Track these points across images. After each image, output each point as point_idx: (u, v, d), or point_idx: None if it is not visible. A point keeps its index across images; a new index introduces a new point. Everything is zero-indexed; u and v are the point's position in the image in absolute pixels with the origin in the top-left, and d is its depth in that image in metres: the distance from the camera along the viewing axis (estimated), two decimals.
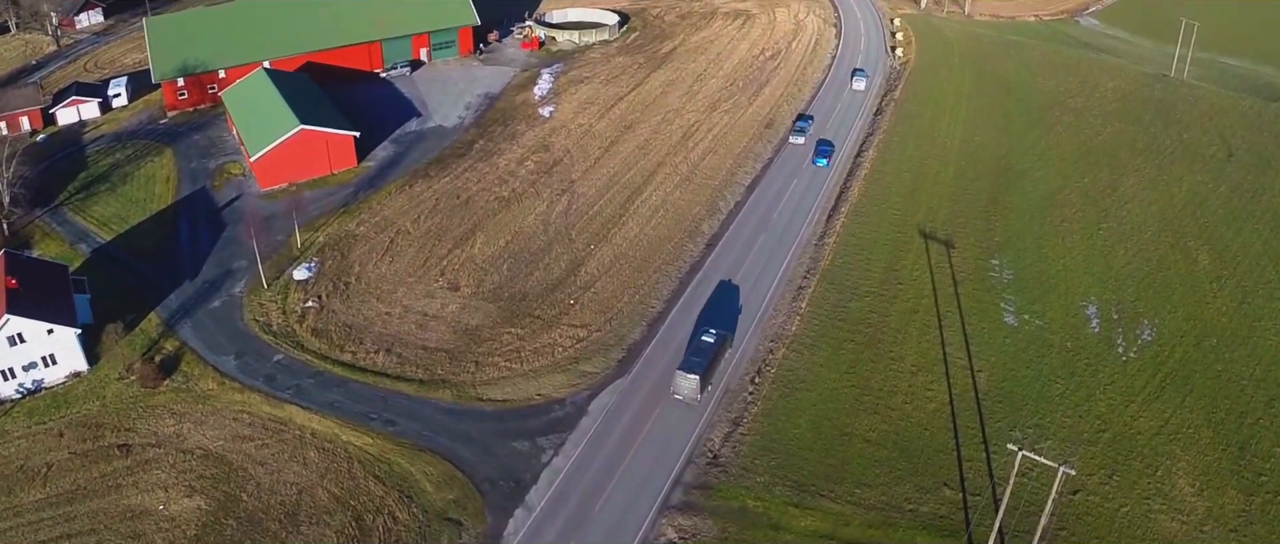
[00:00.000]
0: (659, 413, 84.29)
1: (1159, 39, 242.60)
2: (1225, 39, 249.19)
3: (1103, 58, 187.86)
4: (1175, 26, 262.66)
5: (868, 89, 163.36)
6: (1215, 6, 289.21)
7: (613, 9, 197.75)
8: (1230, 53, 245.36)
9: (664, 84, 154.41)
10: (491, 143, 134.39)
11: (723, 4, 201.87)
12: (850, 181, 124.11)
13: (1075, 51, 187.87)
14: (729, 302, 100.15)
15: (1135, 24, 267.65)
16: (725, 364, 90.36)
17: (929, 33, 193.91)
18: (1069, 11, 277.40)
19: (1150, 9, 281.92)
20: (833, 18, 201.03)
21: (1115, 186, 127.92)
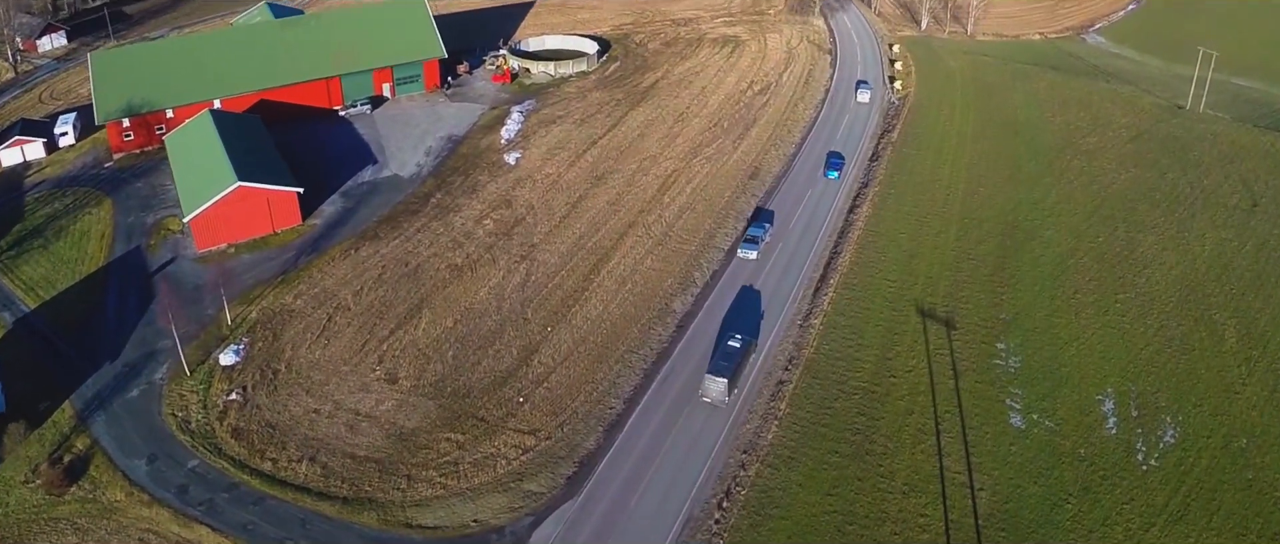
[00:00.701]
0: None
1: (1168, 58, 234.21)
2: (1235, 58, 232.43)
3: (1113, 88, 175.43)
4: (1183, 45, 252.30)
5: (872, 102, 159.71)
6: (1222, 24, 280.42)
7: (595, 34, 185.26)
8: (1241, 73, 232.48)
9: (643, 124, 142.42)
10: (449, 196, 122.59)
11: (711, 29, 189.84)
12: (841, 245, 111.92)
13: (1084, 82, 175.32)
14: (699, 399, 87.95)
15: (1143, 42, 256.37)
16: (749, 368, 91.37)
17: (929, 61, 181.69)
18: (1074, 29, 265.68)
19: (1157, 25, 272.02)
20: (828, 43, 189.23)
21: (1133, 246, 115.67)
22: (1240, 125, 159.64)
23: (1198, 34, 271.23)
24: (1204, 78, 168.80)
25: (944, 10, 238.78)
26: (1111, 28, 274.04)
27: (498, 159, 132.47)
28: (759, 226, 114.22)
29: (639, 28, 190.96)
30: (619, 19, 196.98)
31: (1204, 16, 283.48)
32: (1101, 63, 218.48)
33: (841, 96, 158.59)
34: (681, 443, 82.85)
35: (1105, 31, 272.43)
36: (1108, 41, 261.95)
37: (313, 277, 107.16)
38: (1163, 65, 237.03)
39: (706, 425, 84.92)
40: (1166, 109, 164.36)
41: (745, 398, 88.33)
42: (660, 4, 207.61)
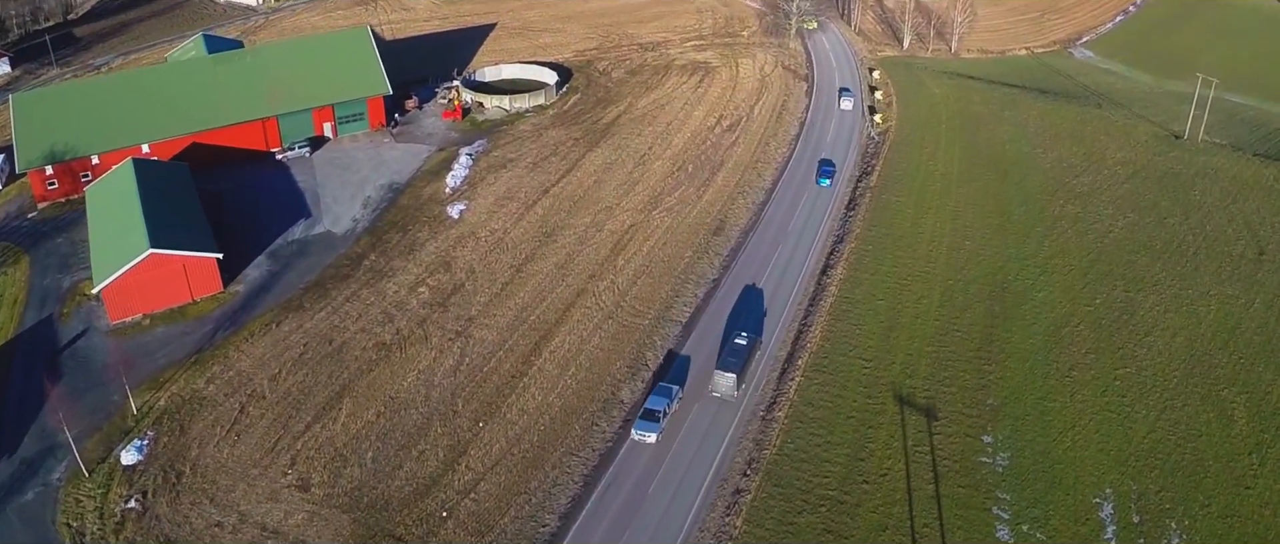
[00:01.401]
0: None
1: (1158, 74, 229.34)
2: (1227, 73, 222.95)
3: (1105, 115, 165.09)
4: (1173, 59, 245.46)
5: (855, 109, 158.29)
6: (1211, 37, 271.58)
7: (556, 62, 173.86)
8: (1234, 89, 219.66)
9: (601, 168, 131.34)
10: (384, 257, 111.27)
11: (680, 54, 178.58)
12: (812, 316, 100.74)
13: (1075, 109, 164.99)
14: (646, 513, 78.46)
15: (1132, 56, 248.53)
16: (755, 364, 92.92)
17: (912, 87, 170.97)
18: (1061, 42, 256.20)
19: (1145, 39, 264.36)
20: (804, 68, 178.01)
21: (1132, 309, 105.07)
22: (1240, 156, 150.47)
23: (1187, 48, 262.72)
24: (1203, 99, 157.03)
25: (927, 25, 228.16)
26: (1099, 41, 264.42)
27: (440, 211, 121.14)
28: (661, 395, 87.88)
29: (603, 53, 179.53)
30: (583, 44, 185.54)
31: (1193, 29, 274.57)
32: (1091, 81, 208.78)
33: (817, 131, 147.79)
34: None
35: (1093, 45, 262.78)
36: (1096, 56, 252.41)
37: (228, 356, 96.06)
38: (1153, 81, 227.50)
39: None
40: (1162, 139, 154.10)
41: (696, 513, 76.94)
42: (628, 26, 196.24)
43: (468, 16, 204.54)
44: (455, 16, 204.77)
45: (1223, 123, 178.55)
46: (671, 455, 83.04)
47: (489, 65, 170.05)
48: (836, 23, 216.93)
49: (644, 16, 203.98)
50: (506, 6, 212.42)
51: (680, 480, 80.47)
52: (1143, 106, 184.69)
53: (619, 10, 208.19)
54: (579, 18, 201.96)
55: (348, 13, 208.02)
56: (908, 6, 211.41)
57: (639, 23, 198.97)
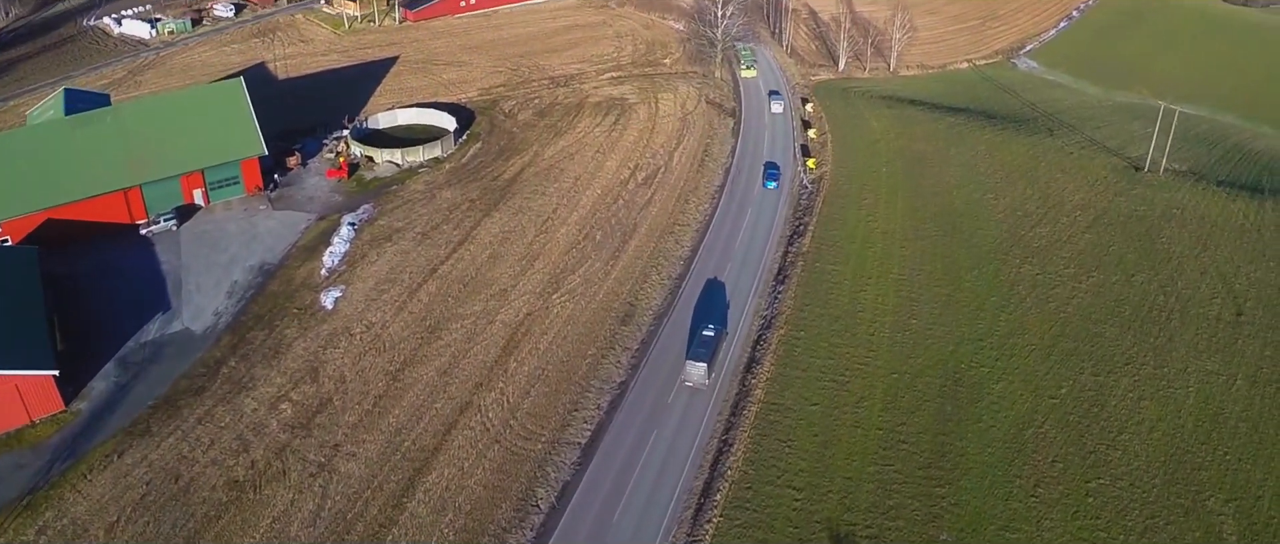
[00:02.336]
0: None
1: (1105, 83, 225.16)
2: (1175, 82, 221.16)
3: (1059, 144, 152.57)
4: (1119, 67, 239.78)
5: (785, 113, 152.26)
6: (1156, 43, 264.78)
7: (459, 102, 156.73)
8: (1185, 98, 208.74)
9: (498, 237, 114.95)
10: (246, 363, 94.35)
11: (595, 90, 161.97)
12: (735, 431, 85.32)
13: (1025, 142, 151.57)
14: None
15: (1077, 65, 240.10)
16: (723, 353, 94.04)
17: (849, 120, 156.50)
18: (1004, 51, 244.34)
19: (1089, 46, 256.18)
20: (731, 100, 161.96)
21: (1103, 398, 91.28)
22: (1204, 188, 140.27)
23: (1133, 55, 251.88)
24: (1164, 125, 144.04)
25: (864, 41, 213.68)
26: (1043, 50, 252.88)
27: (313, 301, 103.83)
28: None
29: (511, 91, 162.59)
30: (490, 79, 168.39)
31: (1138, 35, 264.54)
32: (1037, 97, 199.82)
33: (744, 180, 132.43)
34: None
35: (1037, 54, 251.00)
36: (1040, 66, 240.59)
37: (63, 498, 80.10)
38: (1101, 93, 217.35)
39: None
40: (1122, 172, 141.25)
41: None
42: (540, 57, 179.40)
43: (369, 49, 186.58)
44: (355, 49, 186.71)
45: (1179, 142, 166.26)
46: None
47: (384, 110, 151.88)
48: (769, 45, 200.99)
49: (558, 45, 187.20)
50: (411, 37, 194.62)
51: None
52: (1095, 127, 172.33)
53: (531, 38, 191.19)
54: (488, 48, 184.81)
55: (243, 46, 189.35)
56: (843, 23, 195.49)
57: (552, 52, 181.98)
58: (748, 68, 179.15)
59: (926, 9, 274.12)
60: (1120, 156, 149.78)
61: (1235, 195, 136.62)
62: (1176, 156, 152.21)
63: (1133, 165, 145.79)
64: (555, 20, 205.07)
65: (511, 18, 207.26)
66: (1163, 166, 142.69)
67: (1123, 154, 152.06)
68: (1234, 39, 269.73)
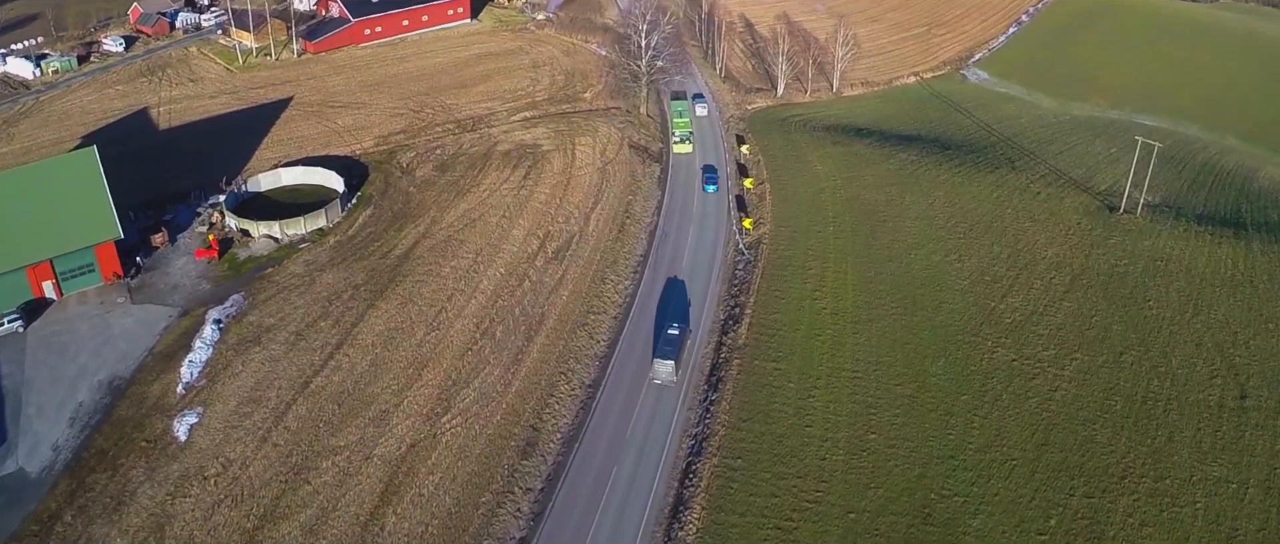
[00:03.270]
0: None
1: (1059, 95, 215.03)
2: (1131, 91, 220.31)
3: (1023, 182, 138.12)
4: (1072, 76, 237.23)
5: (711, 116, 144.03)
6: (1109, 49, 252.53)
7: (353, 154, 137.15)
8: (1144, 109, 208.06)
9: (383, 336, 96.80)
10: (83, 519, 78.06)
11: (505, 134, 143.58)
12: None
13: (987, 180, 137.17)
14: None
15: (1028, 75, 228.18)
16: (687, 352, 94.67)
17: (790, 161, 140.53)
18: (952, 62, 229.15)
19: (1040, 54, 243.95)
20: (657, 141, 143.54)
21: (1099, 529, 78.61)
22: (1187, 231, 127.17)
23: (1086, 63, 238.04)
24: (1134, 152, 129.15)
25: (805, 57, 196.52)
26: (993, 59, 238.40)
27: (165, 429, 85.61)
28: None
29: (413, 138, 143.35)
30: (389, 124, 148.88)
31: (1090, 40, 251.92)
32: (991, 115, 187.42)
33: (671, 248, 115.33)
34: None
35: (987, 64, 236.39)
36: (991, 77, 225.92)
37: None
38: (1057, 105, 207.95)
39: None
40: (1096, 215, 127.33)
41: None
42: (447, 94, 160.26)
43: (261, 88, 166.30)
44: (248, 88, 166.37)
45: (1145, 161, 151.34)
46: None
47: (267, 171, 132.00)
48: (701, 68, 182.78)
49: (469, 78, 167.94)
50: (309, 72, 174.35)
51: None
52: (1057, 152, 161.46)
53: (440, 71, 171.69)
54: (391, 84, 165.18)
55: (128, 87, 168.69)
56: (782, 42, 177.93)
57: (461, 88, 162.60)
58: (682, 141, 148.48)
59: (868, 16, 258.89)
60: (1090, 192, 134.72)
61: (1220, 238, 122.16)
62: (1150, 186, 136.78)
63: (1106, 204, 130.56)
64: (467, 48, 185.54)
65: (419, 47, 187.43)
66: (1140, 205, 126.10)
67: (1092, 188, 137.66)
68: (1188, 41, 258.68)
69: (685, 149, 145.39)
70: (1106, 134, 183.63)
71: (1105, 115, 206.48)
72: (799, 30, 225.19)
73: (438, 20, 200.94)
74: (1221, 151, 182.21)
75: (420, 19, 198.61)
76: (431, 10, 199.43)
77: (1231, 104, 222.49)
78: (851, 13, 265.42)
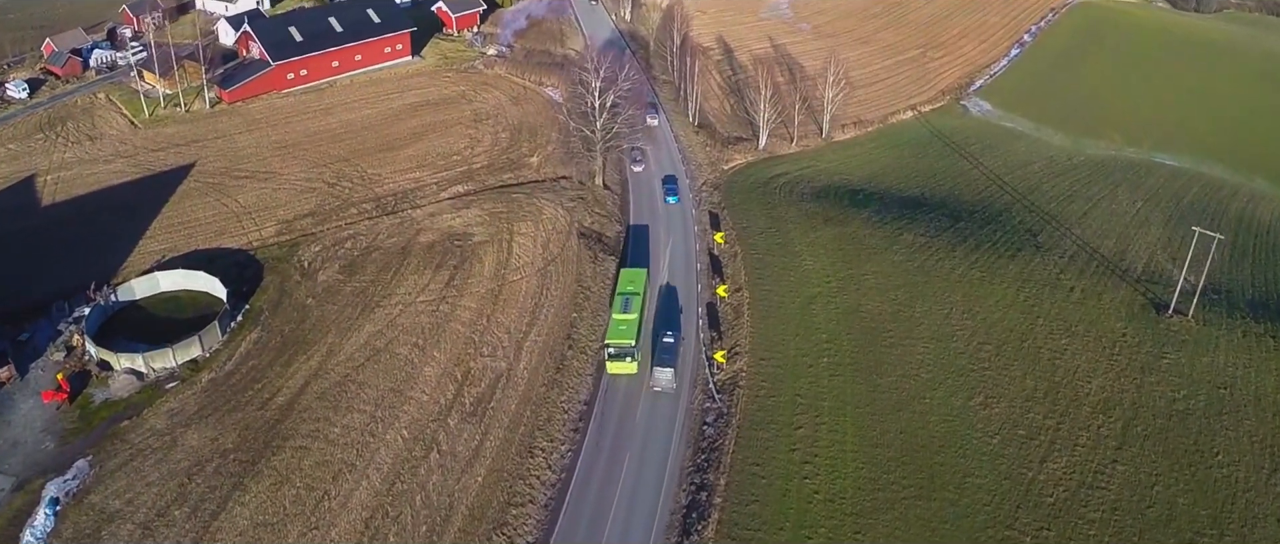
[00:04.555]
0: None
1: (1071, 130, 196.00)
2: (1146, 123, 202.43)
3: (1053, 275, 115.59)
4: (1082, 104, 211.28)
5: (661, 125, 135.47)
6: (1118, 72, 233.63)
7: (248, 246, 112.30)
8: (1162, 144, 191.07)
9: (247, 532, 70.15)
10: None
11: (432, 217, 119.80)
12: None
13: (1010, 273, 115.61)
14: None
15: (1036, 107, 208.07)
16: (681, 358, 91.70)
17: (774, 251, 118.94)
18: (951, 91, 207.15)
19: (1045, 81, 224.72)
20: (613, 227, 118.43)
21: None
22: (1249, 339, 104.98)
23: (1096, 89, 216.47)
24: (1198, 275, 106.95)
25: (791, 90, 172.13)
26: (995, 86, 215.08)
27: None
28: None
29: (322, 222, 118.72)
30: (298, 203, 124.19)
31: (1097, 62, 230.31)
32: (1000, 161, 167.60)
33: (622, 396, 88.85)
34: None
35: (989, 92, 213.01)
36: (994, 109, 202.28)
37: None
38: (1069, 143, 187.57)
39: None
40: (1143, 320, 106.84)
41: None
42: (371, 158, 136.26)
43: (162, 150, 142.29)
44: (149, 149, 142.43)
45: (1174, 219, 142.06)
46: None
47: (146, 270, 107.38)
48: (672, 115, 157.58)
49: (399, 136, 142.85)
50: (218, 129, 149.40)
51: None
52: (1081, 213, 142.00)
53: (367, 126, 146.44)
54: (308, 145, 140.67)
55: (21, 146, 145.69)
56: (763, 84, 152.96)
57: (388, 150, 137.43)
58: (619, 357, 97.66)
59: (857, 37, 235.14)
60: (1128, 279, 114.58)
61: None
62: (1176, 250, 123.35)
63: (1150, 299, 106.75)
64: (402, 95, 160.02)
65: (349, 94, 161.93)
66: (1193, 306, 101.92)
67: (1129, 271, 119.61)
68: (1199, 61, 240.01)
69: (626, 370, 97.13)
70: (1128, 180, 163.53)
71: (1122, 155, 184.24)
72: (783, 57, 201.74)
73: (373, 59, 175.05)
74: (1253, 199, 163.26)
75: (352, 59, 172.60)
76: (366, 49, 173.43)
77: (1253, 136, 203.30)
78: (839, 33, 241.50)
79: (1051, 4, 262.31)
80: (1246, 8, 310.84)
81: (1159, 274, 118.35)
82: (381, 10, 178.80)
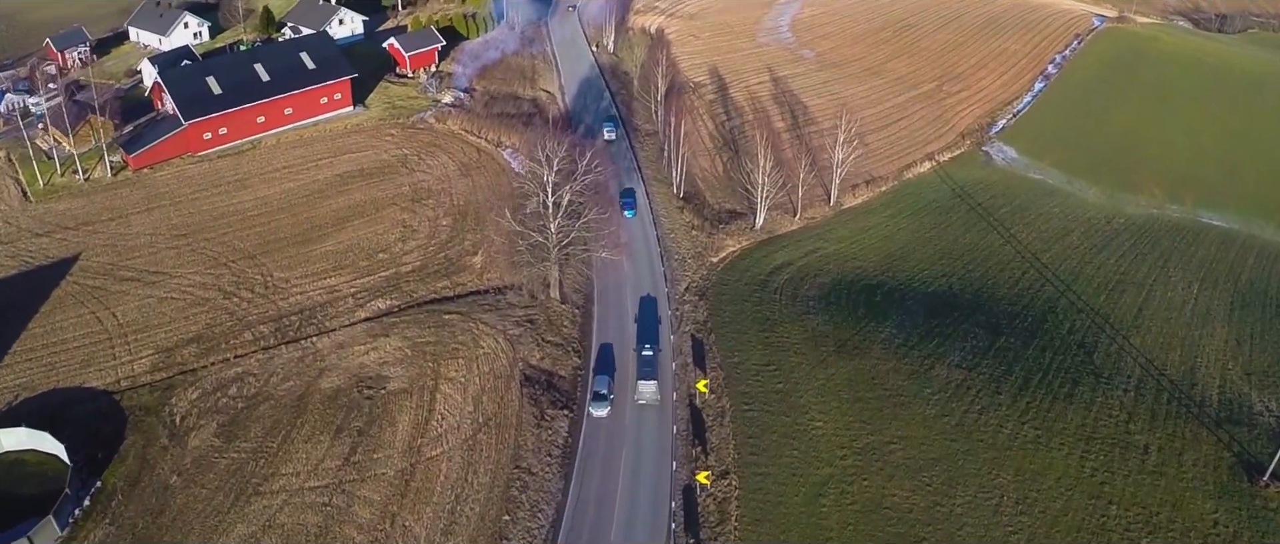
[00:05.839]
0: None
1: (1107, 183, 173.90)
2: (1187, 172, 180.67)
3: (1121, 432, 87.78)
4: (1116, 151, 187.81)
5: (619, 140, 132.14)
6: (1154, 108, 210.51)
7: (114, 387, 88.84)
8: (1207, 200, 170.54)
9: None
10: None
11: (337, 356, 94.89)
12: None
13: (1070, 424, 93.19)
14: None
15: (1065, 152, 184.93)
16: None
17: (773, 412, 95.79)
18: (969, 134, 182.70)
19: (1074, 120, 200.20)
20: (569, 362, 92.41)
21: None
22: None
23: (1130, 131, 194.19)
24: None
25: (796, 150, 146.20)
26: (1019, 128, 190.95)
27: None
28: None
29: (208, 350, 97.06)
30: (184, 320, 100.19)
31: (1130, 99, 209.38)
32: (1033, 229, 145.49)
33: None
34: None
35: (1013, 135, 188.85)
36: (1019, 155, 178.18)
37: None
38: (1105, 200, 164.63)
39: None
40: (1234, 498, 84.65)
41: None
42: (280, 255, 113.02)
43: (49, 233, 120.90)
44: (31, 235, 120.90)
45: (1222, 293, 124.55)
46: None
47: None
48: (653, 183, 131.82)
49: (320, 221, 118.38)
50: (114, 206, 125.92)
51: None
52: (1134, 308, 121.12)
53: (284, 207, 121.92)
54: (211, 232, 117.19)
55: None
56: (763, 156, 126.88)
57: (304, 242, 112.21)
58: None
59: (866, 67, 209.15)
60: (1206, 421, 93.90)
61: None
62: (1250, 357, 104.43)
63: (1240, 460, 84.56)
64: (334, 162, 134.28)
65: (273, 158, 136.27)
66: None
67: (1205, 404, 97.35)
68: (1239, 98, 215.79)
69: None
70: (1177, 251, 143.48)
71: (1165, 214, 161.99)
72: (785, 96, 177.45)
73: (306, 112, 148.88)
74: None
75: (281, 113, 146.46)
76: (298, 100, 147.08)
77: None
78: (846, 62, 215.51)
79: (1076, 29, 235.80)
80: (1270, 26, 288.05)
81: (1239, 404, 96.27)
82: (317, 53, 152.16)
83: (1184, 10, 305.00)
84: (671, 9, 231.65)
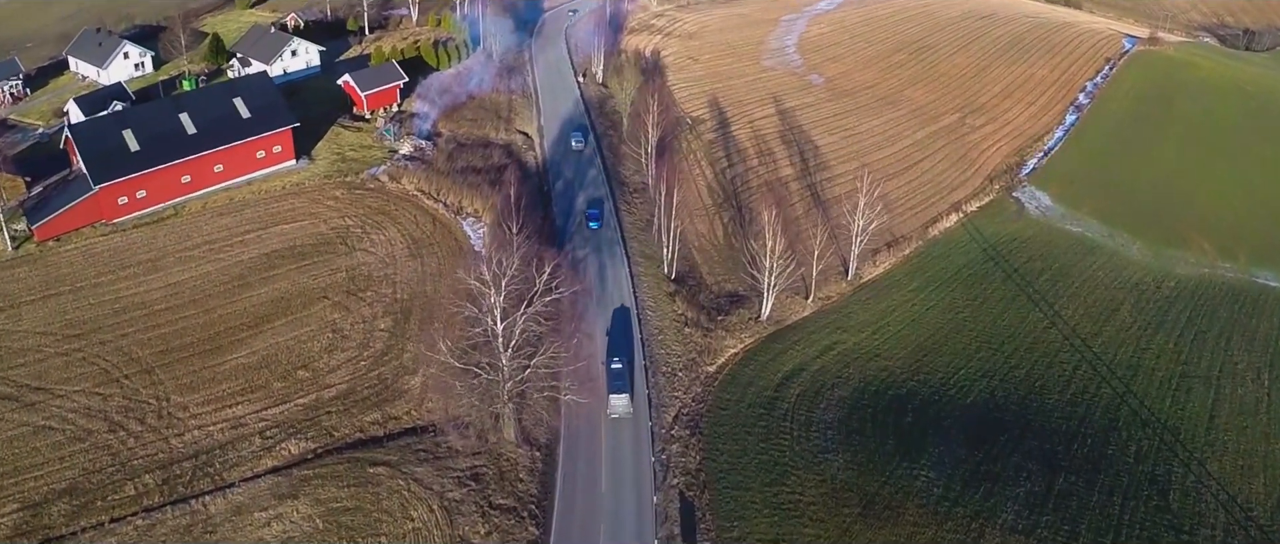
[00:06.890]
0: None
1: (1150, 235, 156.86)
2: (1238, 222, 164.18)
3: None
4: (1158, 196, 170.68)
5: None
6: (1196, 146, 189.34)
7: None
8: (1261, 256, 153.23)
9: None
10: None
11: (232, 522, 72.20)
12: None
13: None
14: None
15: (1101, 200, 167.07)
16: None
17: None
18: (998, 177, 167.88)
19: (1111, 160, 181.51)
20: (526, 530, 70.19)
21: None
22: None
23: (1173, 174, 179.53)
24: None
25: (806, 207, 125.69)
26: (1051, 169, 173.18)
27: None
28: None
29: (81, 511, 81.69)
30: (62, 462, 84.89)
31: (1171, 137, 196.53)
32: (1080, 306, 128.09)
33: None
34: None
35: (1045, 178, 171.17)
36: (1054, 203, 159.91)
37: None
38: (1151, 258, 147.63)
39: None
40: None
41: None
42: (184, 368, 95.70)
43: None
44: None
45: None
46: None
47: None
48: (638, 258, 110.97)
49: (236, 319, 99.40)
50: (7, 289, 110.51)
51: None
52: (1206, 422, 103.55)
53: (195, 299, 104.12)
54: (108, 332, 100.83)
55: None
56: (770, 232, 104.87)
57: (212, 350, 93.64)
58: None
59: (880, 95, 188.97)
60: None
61: None
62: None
63: None
64: (263, 235, 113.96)
65: (195, 227, 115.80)
66: None
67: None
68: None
69: None
70: (1239, 326, 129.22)
71: (1218, 275, 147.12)
72: (793, 132, 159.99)
73: (240, 169, 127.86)
74: None
75: (210, 171, 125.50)
76: (229, 156, 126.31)
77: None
78: (858, 89, 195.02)
79: (1106, 53, 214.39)
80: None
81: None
82: (254, 100, 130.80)
83: (1209, 26, 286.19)
84: (668, 27, 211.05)
